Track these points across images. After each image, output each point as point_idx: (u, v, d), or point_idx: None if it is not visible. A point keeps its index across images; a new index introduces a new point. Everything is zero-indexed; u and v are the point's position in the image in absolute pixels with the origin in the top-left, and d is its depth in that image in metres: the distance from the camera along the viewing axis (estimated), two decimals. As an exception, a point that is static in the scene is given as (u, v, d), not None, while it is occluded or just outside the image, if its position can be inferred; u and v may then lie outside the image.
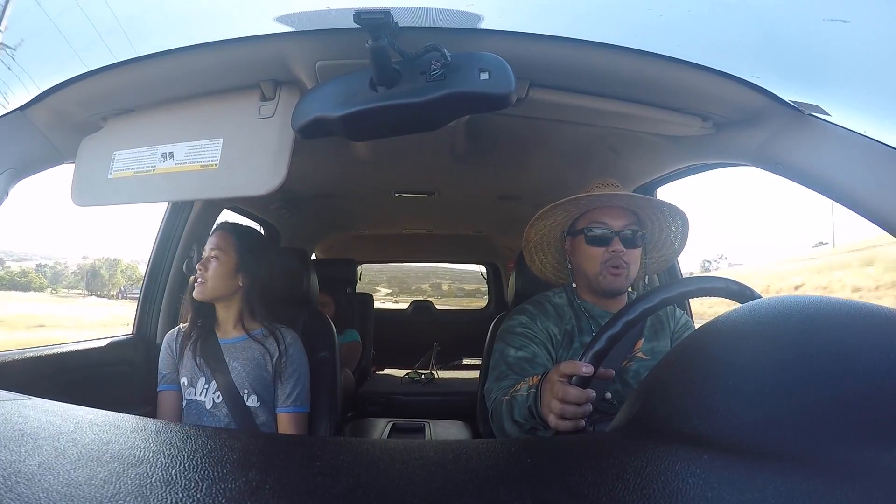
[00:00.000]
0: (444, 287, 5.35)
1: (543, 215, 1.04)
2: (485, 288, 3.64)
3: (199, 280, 1.17)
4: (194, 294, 1.17)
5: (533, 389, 0.77)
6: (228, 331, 1.22)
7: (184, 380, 1.19)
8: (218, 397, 1.16)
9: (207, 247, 1.19)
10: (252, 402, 1.17)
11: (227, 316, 1.22)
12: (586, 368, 0.63)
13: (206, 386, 1.17)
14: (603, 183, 1.05)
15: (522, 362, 0.96)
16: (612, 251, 0.98)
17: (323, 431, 1.31)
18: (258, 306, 1.23)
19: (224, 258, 1.18)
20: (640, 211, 1.02)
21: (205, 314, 1.21)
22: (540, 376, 0.77)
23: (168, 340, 1.24)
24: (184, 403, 1.18)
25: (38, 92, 0.72)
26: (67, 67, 0.69)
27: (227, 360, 1.18)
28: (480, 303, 3.83)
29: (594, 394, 0.66)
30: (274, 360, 1.19)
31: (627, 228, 0.99)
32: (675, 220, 1.04)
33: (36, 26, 0.67)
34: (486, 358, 1.52)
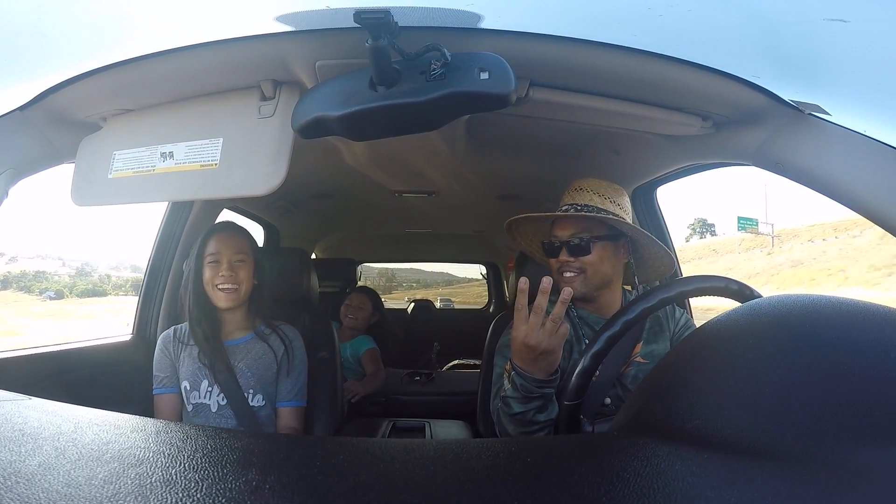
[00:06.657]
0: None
1: (513, 234, 1.12)
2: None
3: (229, 287, 1.14)
4: (226, 303, 1.15)
5: (511, 372, 0.83)
6: (231, 332, 1.21)
7: (185, 384, 1.16)
8: (222, 399, 1.14)
9: (229, 252, 1.16)
10: (257, 401, 1.17)
11: (233, 318, 1.21)
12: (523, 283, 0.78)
13: (210, 389, 1.15)
14: (577, 187, 1.04)
15: None
16: (560, 261, 1.01)
17: (323, 431, 1.31)
18: (263, 305, 1.24)
19: (248, 261, 1.19)
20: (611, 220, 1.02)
21: (211, 317, 1.19)
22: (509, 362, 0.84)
23: (164, 342, 1.21)
24: (189, 408, 1.16)
25: (38, 92, 0.72)
26: (67, 67, 0.69)
27: (232, 363, 1.17)
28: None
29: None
30: (279, 356, 1.20)
31: (574, 237, 1.00)
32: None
33: (35, 26, 0.66)
34: (487, 362, 1.52)
